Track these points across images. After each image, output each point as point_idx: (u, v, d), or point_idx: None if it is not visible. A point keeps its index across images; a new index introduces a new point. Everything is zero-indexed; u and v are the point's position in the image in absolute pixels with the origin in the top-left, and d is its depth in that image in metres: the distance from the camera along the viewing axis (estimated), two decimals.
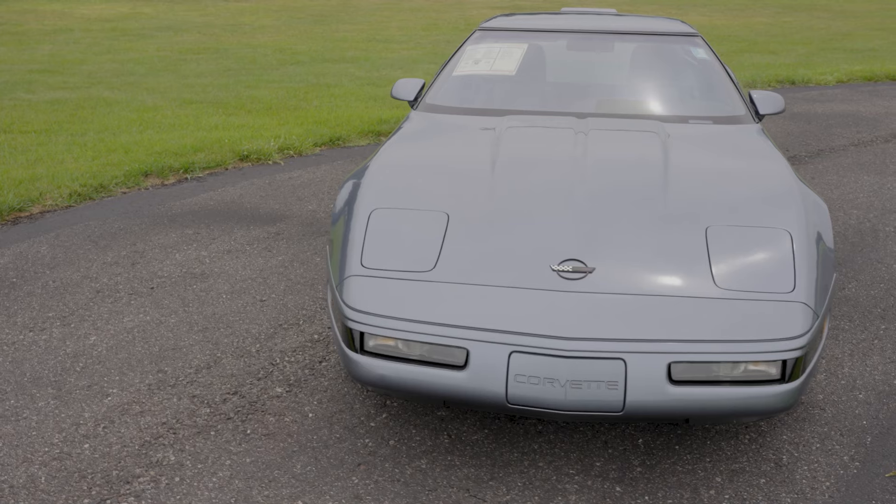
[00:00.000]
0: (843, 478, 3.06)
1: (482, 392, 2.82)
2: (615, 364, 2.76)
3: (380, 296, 3.00)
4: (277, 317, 4.21)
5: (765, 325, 2.85)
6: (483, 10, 20.13)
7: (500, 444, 3.21)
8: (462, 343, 2.85)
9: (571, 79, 4.68)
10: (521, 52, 4.62)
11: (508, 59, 4.60)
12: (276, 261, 4.90)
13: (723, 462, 3.14)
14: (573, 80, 4.67)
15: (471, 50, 4.71)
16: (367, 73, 11.27)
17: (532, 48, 4.68)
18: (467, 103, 4.43)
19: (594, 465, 3.11)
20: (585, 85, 4.61)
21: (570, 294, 2.93)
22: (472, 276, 3.02)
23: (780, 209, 3.31)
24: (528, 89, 4.55)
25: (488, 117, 4.21)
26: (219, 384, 3.60)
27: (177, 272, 4.72)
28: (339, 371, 3.71)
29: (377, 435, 3.26)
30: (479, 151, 3.76)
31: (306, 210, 5.78)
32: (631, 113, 4.27)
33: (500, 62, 4.59)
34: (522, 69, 4.61)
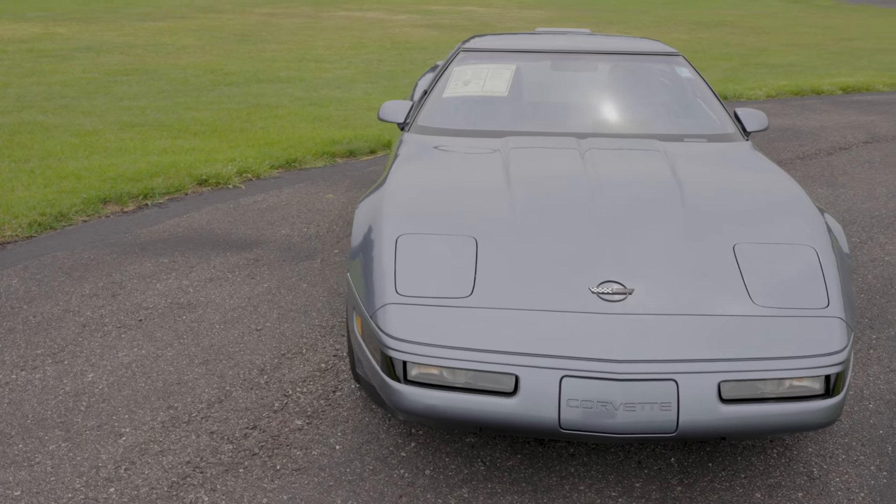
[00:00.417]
0: (875, 488, 3.12)
1: (534, 419, 2.79)
2: (667, 385, 2.77)
3: (420, 323, 2.95)
4: (278, 346, 4.11)
5: (806, 341, 2.89)
6: (405, 29, 20.16)
7: (537, 469, 3.19)
8: (511, 369, 2.82)
9: (563, 99, 4.70)
10: (510, 72, 4.63)
11: (498, 80, 4.60)
12: (262, 288, 4.79)
13: (758, 478, 3.17)
14: (565, 100, 4.69)
15: (458, 71, 4.69)
16: (306, 94, 11.16)
17: (521, 69, 4.68)
18: (463, 125, 4.41)
19: (634, 486, 3.11)
20: (579, 105, 4.63)
21: (616, 316, 2.93)
22: (512, 300, 3.00)
23: (802, 226, 3.37)
24: (522, 110, 4.55)
25: (487, 139, 4.20)
26: (235, 419, 3.49)
27: (162, 303, 4.57)
28: (355, 400, 3.63)
29: (411, 465, 3.20)
30: (491, 173, 3.75)
31: (280, 235, 5.67)
32: (628, 132, 4.31)
33: (491, 83, 4.59)
34: (514, 90, 4.61)
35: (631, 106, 4.63)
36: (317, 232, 5.73)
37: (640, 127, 4.42)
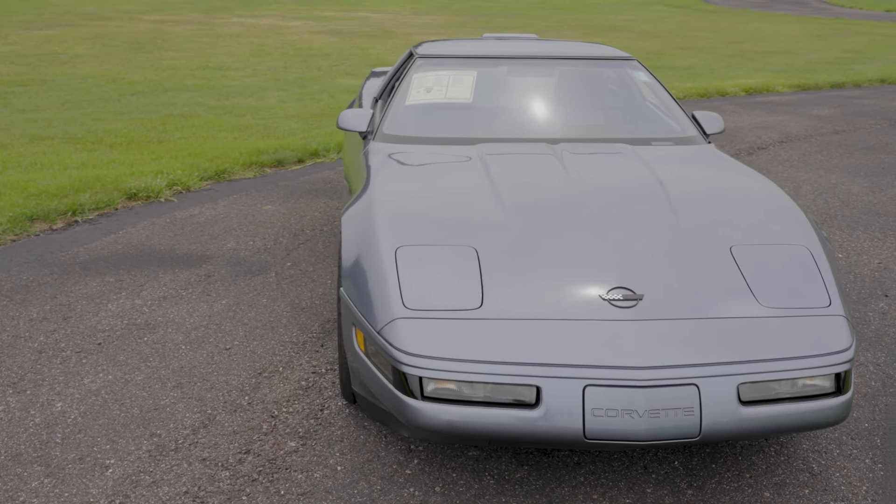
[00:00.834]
0: (874, 480, 3.19)
1: (558, 430, 2.75)
2: (689, 390, 2.76)
3: (433, 337, 2.87)
4: (252, 365, 3.96)
5: (814, 340, 2.93)
6: (304, 36, 19.93)
7: (547, 480, 3.15)
8: (531, 381, 2.77)
9: (528, 105, 4.68)
10: (472, 79, 4.59)
11: (461, 86, 4.56)
12: (221, 305, 4.62)
13: (763, 476, 3.20)
14: (530, 106, 4.67)
15: (418, 78, 4.62)
16: (219, 102, 10.90)
17: (482, 75, 4.65)
18: (430, 132, 4.35)
19: (645, 491, 3.10)
20: (545, 111, 4.62)
21: (630, 322, 2.91)
22: (524, 311, 2.96)
23: (792, 226, 3.43)
24: (489, 117, 4.52)
25: (458, 146, 4.15)
26: (225, 444, 3.34)
27: (119, 325, 4.37)
28: (346, 418, 3.53)
29: (419, 482, 3.12)
30: (476, 181, 3.70)
31: (227, 249, 5.49)
32: (597, 137, 4.32)
33: (454, 90, 4.54)
34: (477, 96, 4.57)
35: (596, 111, 4.64)
36: (264, 245, 5.58)
37: (607, 131, 4.43)
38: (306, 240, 5.70)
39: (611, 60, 4.83)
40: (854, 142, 9.14)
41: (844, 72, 14.72)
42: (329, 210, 6.36)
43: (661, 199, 3.54)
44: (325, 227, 5.96)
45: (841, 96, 12.43)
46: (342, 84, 12.73)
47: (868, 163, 8.17)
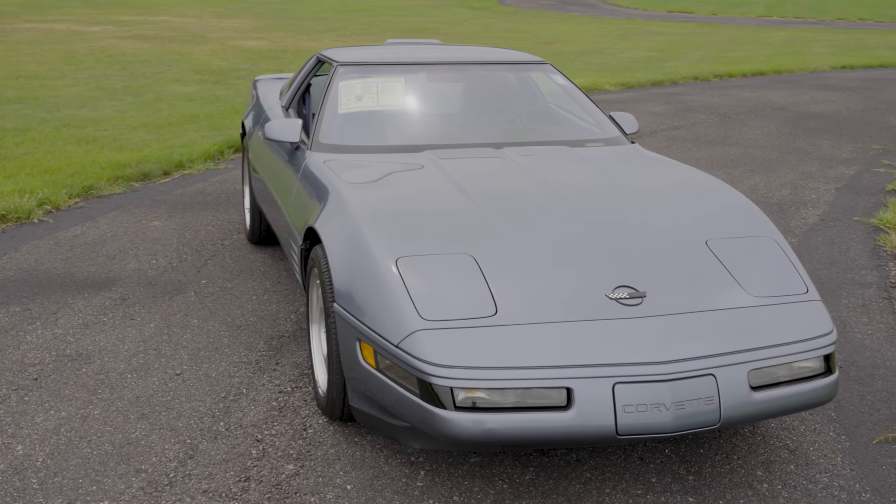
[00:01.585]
0: (845, 451, 3.44)
1: (592, 428, 2.82)
2: (708, 380, 2.90)
3: (457, 347, 2.88)
4: (213, 389, 3.81)
5: (803, 325, 3.14)
6: (111, 42, 19.08)
7: (556, 480, 3.21)
8: (561, 382, 2.82)
9: (461, 110, 4.71)
10: (400, 86, 4.58)
11: (391, 94, 4.54)
12: (151, 329, 4.40)
13: (749, 456, 3.39)
14: (463, 111, 4.71)
15: (345, 86, 4.56)
16: (51, 114, 10.28)
17: (409, 81, 4.64)
18: (373, 141, 4.31)
19: (651, 481, 3.22)
20: (480, 116, 4.67)
21: (641, 319, 3.01)
22: (538, 315, 3.00)
23: (752, 219, 3.63)
24: (428, 123, 4.52)
25: (404, 154, 4.14)
26: (220, 473, 3.21)
27: (48, 357, 4.08)
28: (333, 435, 3.46)
29: (436, 493, 3.11)
30: (442, 187, 3.71)
31: (130, 270, 5.22)
32: (536, 140, 4.41)
33: (385, 97, 4.52)
34: (410, 103, 4.56)
35: (527, 114, 4.74)
36: (169, 263, 5.34)
37: (543, 134, 4.53)
38: (211, 255, 5.50)
39: (528, 65, 4.93)
40: (696, 136, 9.71)
41: (659, 70, 15.57)
42: (223, 224, 6.16)
43: (629, 199, 3.67)
44: (225, 242, 5.77)
45: (665, 93, 13.16)
46: (177, 92, 12.29)
47: (716, 156, 8.70)
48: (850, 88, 13.49)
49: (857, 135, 9.75)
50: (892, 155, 8.73)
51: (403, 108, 4.51)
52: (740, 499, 3.11)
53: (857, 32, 26.64)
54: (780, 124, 10.31)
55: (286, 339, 4.31)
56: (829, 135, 9.74)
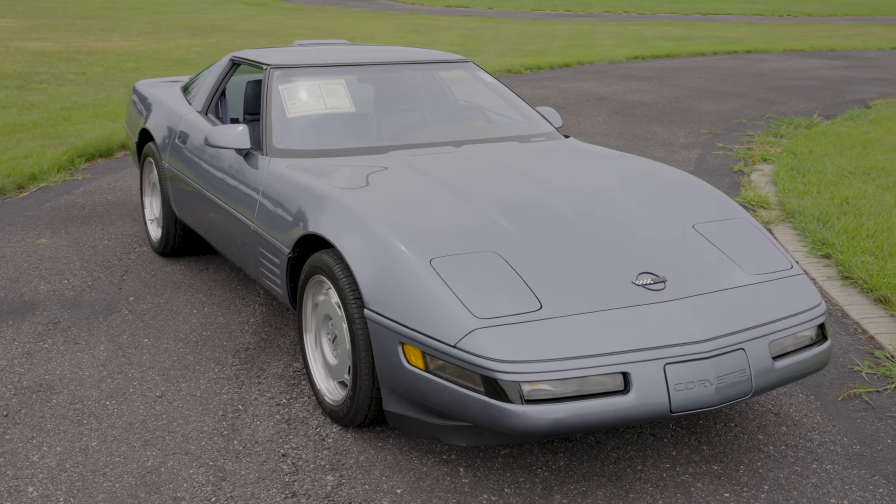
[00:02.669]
0: (819, 410, 3.79)
1: (649, 409, 2.97)
2: (739, 354, 3.12)
3: (516, 342, 2.95)
4: (207, 408, 3.68)
5: (798, 298, 3.43)
6: None
7: (590, 463, 3.34)
8: (618, 368, 2.96)
9: (411, 110, 4.72)
10: (342, 87, 4.55)
11: (336, 96, 4.50)
12: (102, 352, 4.17)
13: (745, 423, 3.66)
14: (411, 111, 4.72)
15: (287, 89, 4.48)
16: None
17: (349, 83, 4.62)
18: (331, 144, 4.27)
19: (672, 454, 3.41)
20: (429, 115, 4.70)
21: (672, 303, 3.20)
22: (580, 306, 3.12)
23: (720, 202, 3.91)
24: (382, 124, 4.52)
25: (369, 156, 4.14)
26: (263, 492, 3.13)
27: (6, 391, 3.80)
28: (356, 442, 3.44)
29: (486, 488, 3.17)
30: (433, 188, 3.74)
31: (44, 292, 4.90)
32: (488, 137, 4.51)
33: (331, 100, 4.48)
34: (358, 105, 4.55)
35: (470, 112, 4.82)
36: (83, 283, 5.05)
37: (492, 131, 4.64)
38: (125, 271, 5.24)
39: (453, 63, 5.02)
40: None
41: None
42: (118, 237, 5.86)
43: (609, 190, 3.85)
44: (131, 256, 5.50)
45: None
46: None
47: None
48: (652, 78, 14.40)
49: (682, 121, 10.47)
50: (721, 138, 9.44)
51: (354, 111, 4.49)
52: (757, 462, 3.36)
53: (628, 24, 28.32)
54: (610, 113, 10.88)
55: (253, 350, 4.21)
56: (658, 122, 10.39)
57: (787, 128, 9.84)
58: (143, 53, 16.76)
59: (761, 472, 3.30)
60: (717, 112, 11.09)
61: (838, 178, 7.47)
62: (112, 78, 13.42)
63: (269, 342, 4.30)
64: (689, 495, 3.15)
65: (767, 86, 13.48)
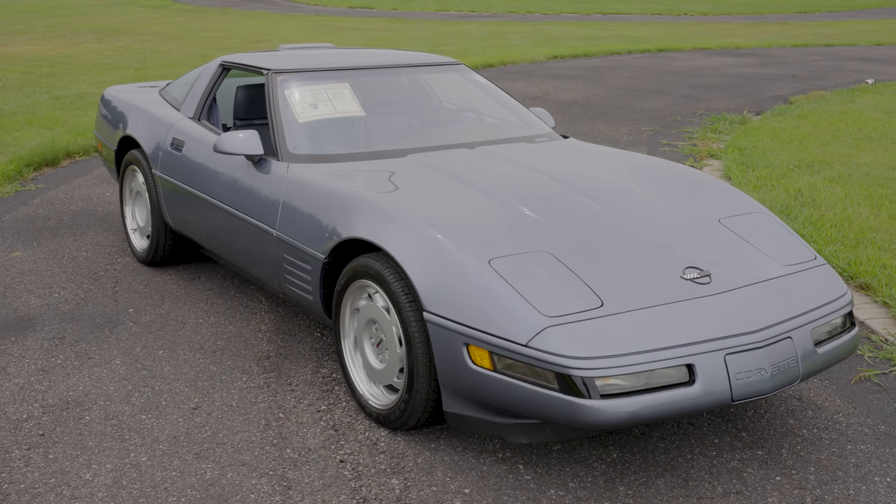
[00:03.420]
0: (836, 393, 3.96)
1: (713, 398, 3.07)
2: (788, 343, 3.26)
3: (586, 339, 3.02)
4: (248, 418, 3.64)
5: (827, 287, 3.59)
6: None
7: (642, 454, 3.43)
8: (684, 360, 3.05)
9: (420, 113, 4.74)
10: (349, 91, 4.54)
11: (344, 100, 4.49)
12: (119, 366, 4.08)
13: (774, 409, 3.80)
14: (419, 114, 4.73)
15: (293, 94, 4.45)
16: None
17: (354, 87, 4.61)
18: (348, 149, 4.27)
19: (714, 442, 3.53)
20: (436, 118, 4.73)
21: (721, 295, 3.31)
22: (638, 301, 3.20)
23: (737, 196, 4.05)
24: (391, 128, 4.52)
25: (388, 160, 4.15)
26: (334, 499, 3.12)
27: (35, 410, 3.69)
28: (409, 445, 3.46)
29: (551, 483, 3.23)
30: (464, 190, 3.77)
31: (36, 305, 4.75)
32: (499, 138, 4.56)
33: (341, 104, 4.46)
34: (368, 108, 4.54)
35: (474, 113, 4.86)
36: (75, 295, 4.91)
37: (502, 132, 4.68)
38: (114, 283, 5.12)
39: (448, 66, 5.05)
40: None
41: None
42: (96, 248, 5.71)
43: (633, 187, 3.95)
44: (116, 267, 5.38)
45: None
46: None
47: None
48: (577, 77, 14.66)
49: (621, 119, 10.71)
50: (663, 135, 9.70)
51: (361, 115, 4.48)
52: (796, 445, 3.51)
53: (535, 24, 28.71)
54: (550, 111, 11.06)
55: (275, 358, 4.17)
56: (598, 120, 10.61)
57: (723, 124, 10.16)
58: (54, 58, 16.25)
59: (803, 454, 3.44)
60: (651, 110, 11.38)
61: (786, 171, 7.76)
62: (30, 84, 12.99)
63: (288, 349, 4.26)
64: (743, 480, 3.26)
65: (689, 83, 13.88)
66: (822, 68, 16.18)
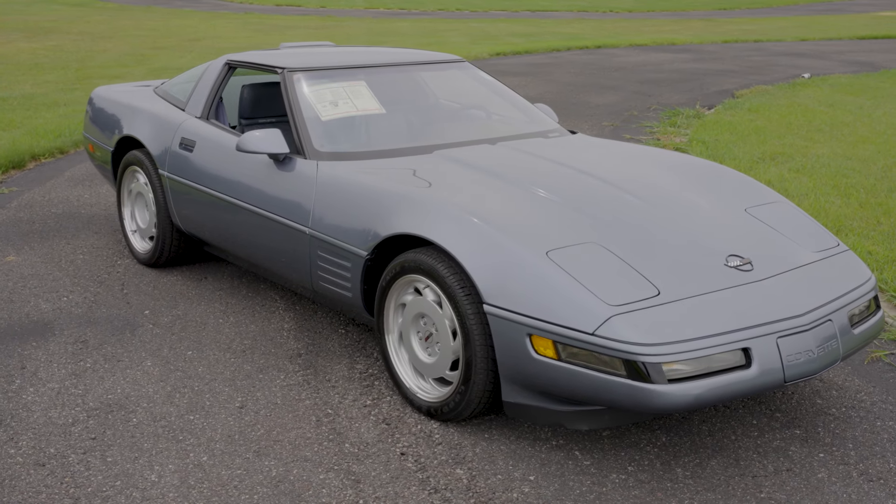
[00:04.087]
0: (853, 373, 4.13)
1: (767, 381, 3.21)
2: (829, 325, 3.41)
3: (650, 326, 3.12)
4: (297, 415, 3.66)
5: (854, 272, 3.75)
6: None
7: (689, 437, 3.55)
8: (741, 344, 3.17)
9: (439, 110, 4.78)
10: (366, 89, 4.58)
11: (362, 98, 4.52)
12: (151, 367, 4.06)
13: (801, 391, 3.96)
14: (441, 111, 4.78)
15: (312, 92, 4.47)
16: None
17: (370, 84, 4.65)
18: (374, 146, 4.31)
19: (753, 423, 3.67)
20: (459, 114, 4.78)
21: (764, 281, 3.45)
22: (690, 289, 3.32)
23: (757, 186, 4.20)
24: (413, 125, 4.56)
25: (415, 157, 4.20)
26: (404, 490, 3.17)
27: (79, 415, 3.65)
28: (463, 435, 3.52)
29: (610, 468, 3.33)
30: (500, 184, 3.84)
31: (47, 310, 4.68)
32: (518, 134, 4.64)
33: (360, 101, 4.49)
34: (388, 106, 4.57)
35: (496, 110, 4.92)
36: (84, 299, 4.85)
37: (519, 128, 4.75)
38: (121, 285, 5.06)
39: (454, 63, 5.11)
40: None
41: None
42: (92, 251, 5.63)
43: (660, 179, 4.07)
44: (118, 270, 5.31)
45: None
46: None
47: None
48: (525, 73, 14.83)
49: (579, 114, 10.88)
50: (624, 129, 9.90)
51: (381, 112, 4.51)
52: (830, 423, 3.67)
53: (468, 22, 28.87)
54: None
55: (307, 356, 4.19)
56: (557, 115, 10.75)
57: (680, 118, 10.41)
58: None
59: (838, 432, 3.60)
60: (606, 105, 11.58)
61: (752, 163, 8.01)
62: None
63: (317, 346, 4.28)
64: (789, 458, 3.40)
65: (635, 79, 14.15)
66: (757, 63, 16.63)
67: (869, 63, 16.70)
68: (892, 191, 7.07)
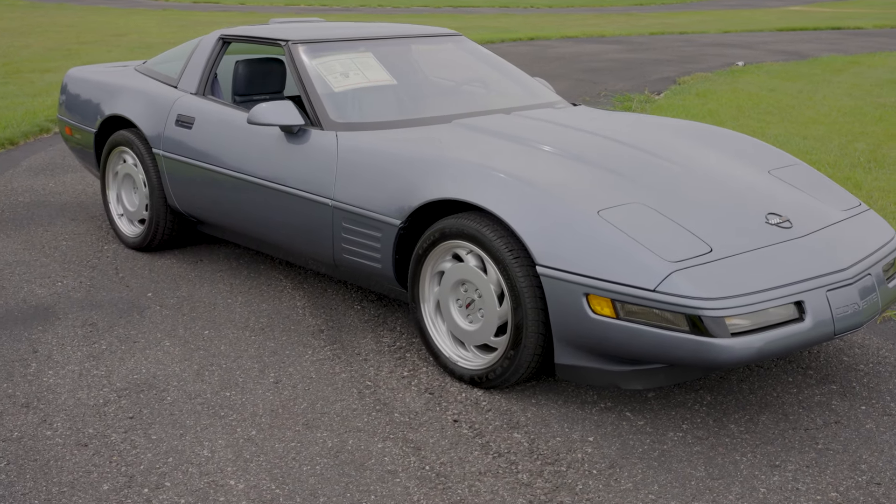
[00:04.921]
0: (869, 332, 4.22)
1: (819, 333, 3.24)
2: (869, 278, 3.47)
3: (709, 281, 3.13)
4: (336, 388, 3.57)
5: (879, 230, 3.82)
6: None
7: (736, 395, 3.57)
8: (795, 298, 3.20)
9: (451, 81, 4.72)
10: (374, 60, 4.50)
11: (372, 69, 4.44)
12: (170, 348, 3.92)
13: (825, 350, 4.03)
14: (449, 82, 4.71)
15: (320, 64, 4.37)
16: None
17: (377, 56, 4.57)
18: (391, 116, 4.23)
19: (788, 380, 3.72)
20: (466, 86, 4.72)
21: (805, 237, 3.49)
22: (740, 245, 3.33)
23: (774, 150, 4.25)
24: (427, 95, 4.50)
25: (433, 126, 4.14)
26: (469, 456, 3.11)
27: (109, 395, 3.50)
28: (507, 401, 3.48)
29: (664, 426, 3.32)
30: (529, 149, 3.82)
31: (48, 294, 4.49)
32: (529, 104, 4.61)
33: (370, 73, 4.41)
34: (399, 77, 4.50)
35: (500, 82, 4.88)
36: (81, 283, 4.66)
37: (529, 98, 4.71)
38: (114, 269, 4.88)
39: (451, 36, 5.07)
40: None
41: None
42: (76, 235, 5.42)
43: (684, 143, 4.09)
44: (108, 254, 5.12)
45: None
46: None
47: None
48: None
49: None
50: (596, 102, 9.96)
51: (392, 83, 4.44)
52: (863, 378, 3.73)
53: (395, 17, 28.78)
54: None
55: (329, 331, 4.10)
56: None
57: (634, 103, 10.52)
58: None
59: (872, 385, 3.66)
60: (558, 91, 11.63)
61: None
62: None
63: (338, 322, 4.19)
64: (834, 411, 3.45)
65: (577, 68, 14.27)
66: (689, 53, 16.93)
67: (796, 52, 17.15)
68: (855, 166, 7.26)
